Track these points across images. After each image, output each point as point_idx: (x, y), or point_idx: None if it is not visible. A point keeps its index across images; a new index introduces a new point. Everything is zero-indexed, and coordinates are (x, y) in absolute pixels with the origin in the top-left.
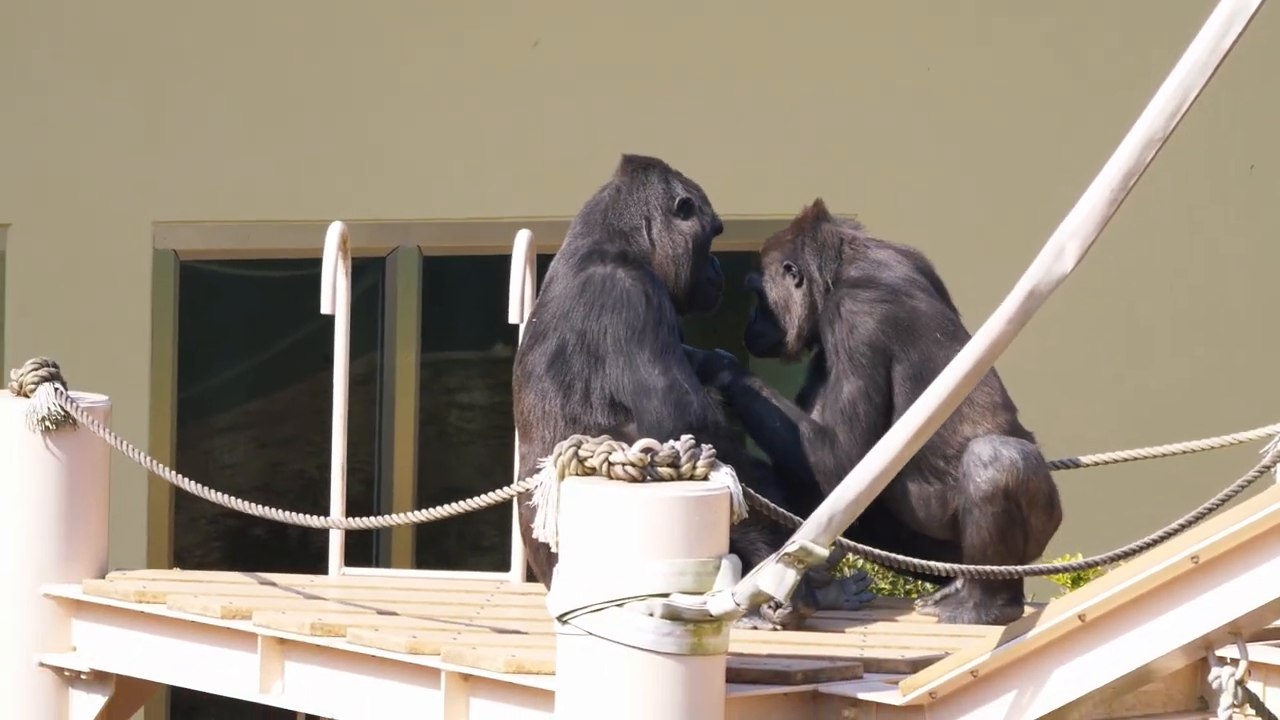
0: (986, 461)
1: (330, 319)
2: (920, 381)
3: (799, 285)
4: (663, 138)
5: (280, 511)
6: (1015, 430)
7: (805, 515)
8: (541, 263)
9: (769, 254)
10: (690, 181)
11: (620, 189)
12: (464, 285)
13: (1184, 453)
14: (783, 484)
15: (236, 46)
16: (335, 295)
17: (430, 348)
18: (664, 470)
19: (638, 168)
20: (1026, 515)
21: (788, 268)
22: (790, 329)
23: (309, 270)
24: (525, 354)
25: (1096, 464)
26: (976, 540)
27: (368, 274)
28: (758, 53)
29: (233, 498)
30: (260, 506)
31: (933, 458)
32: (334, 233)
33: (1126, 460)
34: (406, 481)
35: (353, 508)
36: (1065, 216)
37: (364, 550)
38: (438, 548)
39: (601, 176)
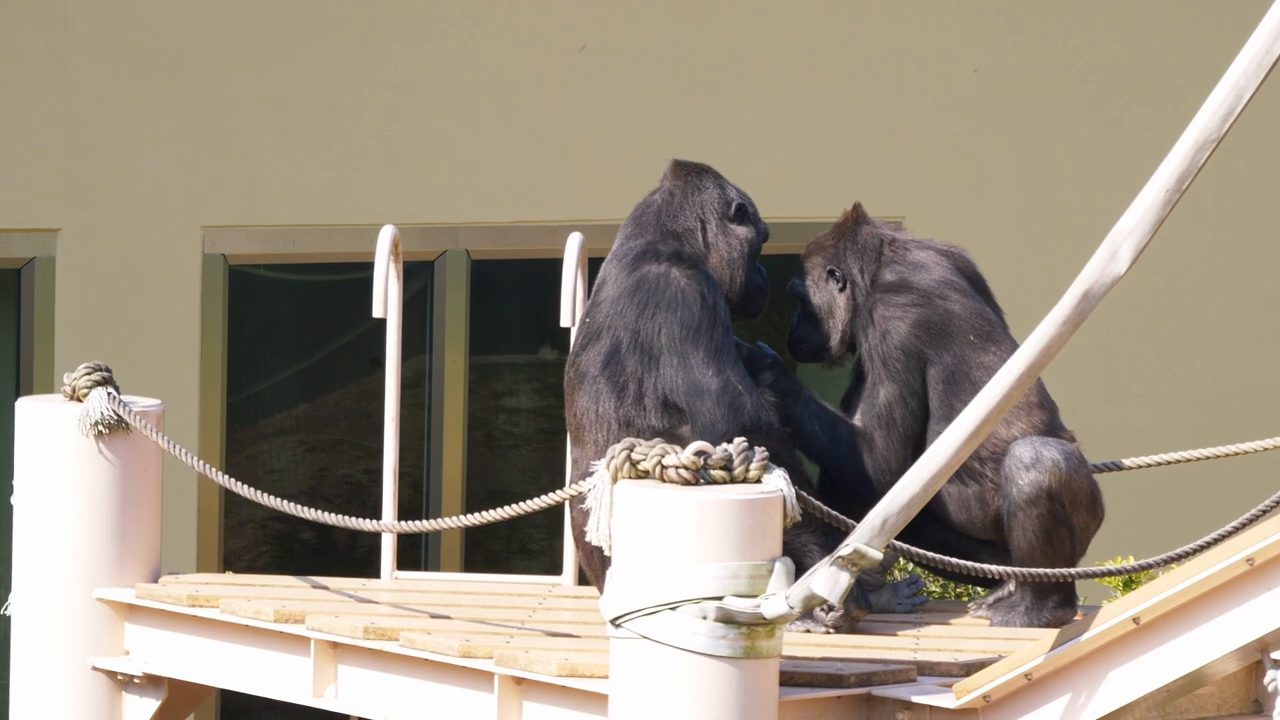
0: (1028, 464)
1: (378, 323)
2: (953, 383)
3: (843, 289)
4: (708, 140)
5: (334, 515)
6: (1053, 429)
7: (850, 516)
8: (591, 266)
9: (811, 258)
10: (739, 188)
11: (673, 192)
12: (512, 289)
13: (1229, 455)
14: (823, 486)
15: (284, 52)
16: (387, 299)
17: (478, 351)
18: (717, 473)
19: (690, 172)
20: (1070, 515)
21: (831, 272)
22: (834, 334)
23: (357, 274)
24: (578, 356)
25: (1139, 467)
26: (1023, 543)
27: (416, 278)
28: (801, 55)
29: (287, 502)
30: (314, 510)
31: (971, 460)
32: (385, 237)
33: (1171, 463)
34: (455, 485)
35: (401, 511)
36: (1113, 218)
37: (413, 553)
38: (485, 550)
39: (648, 180)
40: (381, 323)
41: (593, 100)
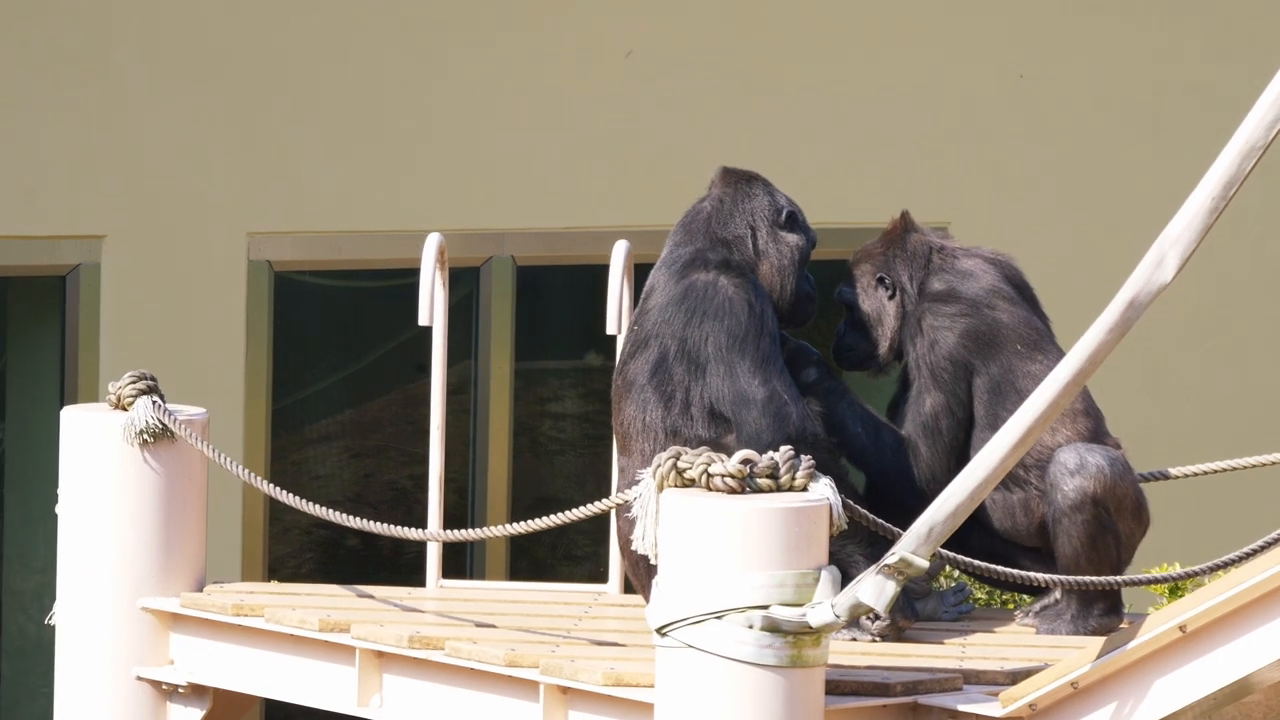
0: (1073, 470)
1: (424, 329)
2: (999, 393)
3: (892, 297)
4: (754, 145)
5: (380, 524)
6: (1098, 436)
7: (896, 524)
8: (636, 273)
9: (860, 265)
10: (788, 196)
11: (723, 199)
12: (557, 295)
13: (1276, 464)
14: (868, 494)
15: (332, 58)
16: (433, 307)
17: (523, 357)
18: (763, 481)
19: (740, 179)
20: (1116, 522)
21: (881, 280)
22: (883, 341)
23: (402, 280)
24: (626, 364)
25: (1185, 476)
26: (1068, 549)
27: (462, 284)
28: (847, 60)
29: (332, 510)
30: (359, 519)
31: (1015, 467)
32: (432, 244)
33: (1216, 472)
34: (500, 491)
35: (447, 518)
36: (1160, 225)
37: (458, 560)
38: (530, 557)
39: (695, 186)
40: (427, 329)
41: (639, 106)
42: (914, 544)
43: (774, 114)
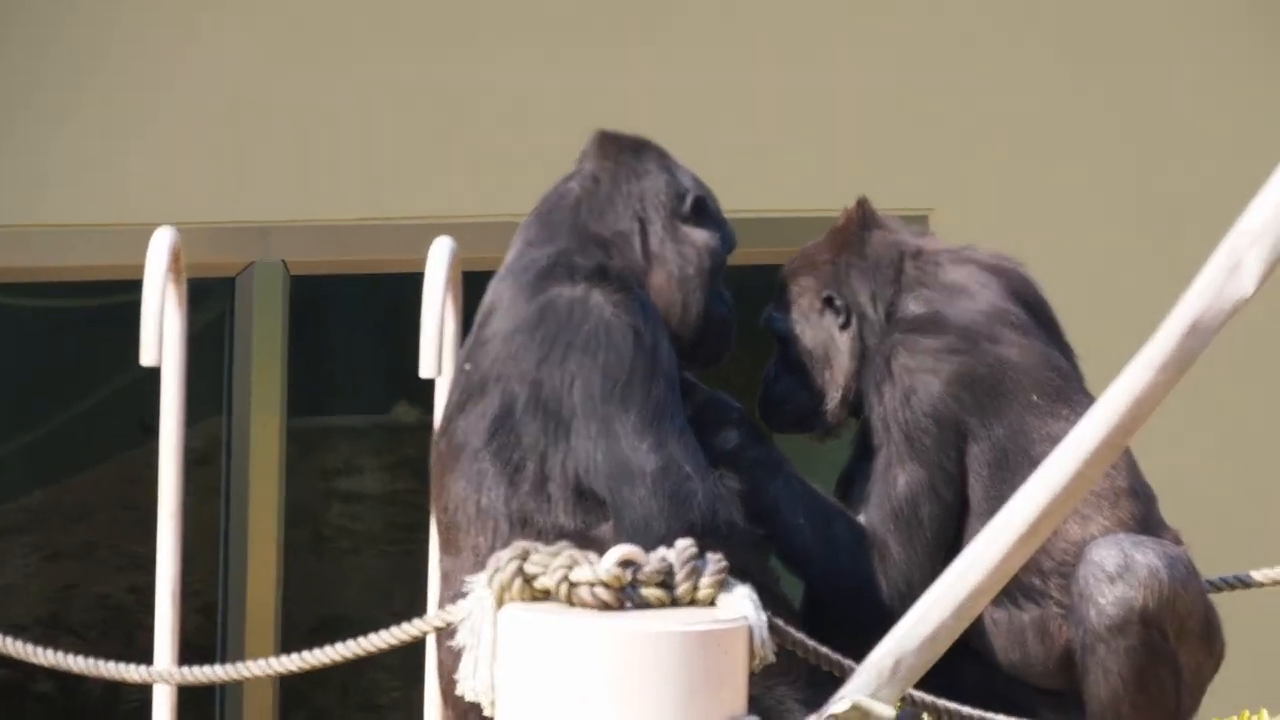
0: (1114, 573)
1: (149, 371)
2: (1006, 467)
3: (845, 326)
4: (646, 108)
5: (85, 659)
6: (1148, 526)
7: (848, 655)
8: (468, 286)
9: (797, 280)
10: (694, 174)
11: (599, 178)
12: (348, 317)
13: None
14: (807, 608)
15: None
16: (162, 338)
17: (300, 410)
18: (650, 592)
19: (624, 149)
20: (1175, 649)
21: (828, 300)
22: (832, 390)
23: (118, 297)
24: (453, 420)
25: (1275, 583)
26: (1104, 689)
27: (210, 302)
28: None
29: (13, 639)
30: (53, 652)
31: (1025, 573)
32: (161, 243)
33: None
34: (265, 609)
35: (185, 649)
36: (1230, 214)
37: (204, 708)
38: (310, 705)
39: (557, 162)
40: (155, 370)
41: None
42: (874, 683)
43: (671, 67)
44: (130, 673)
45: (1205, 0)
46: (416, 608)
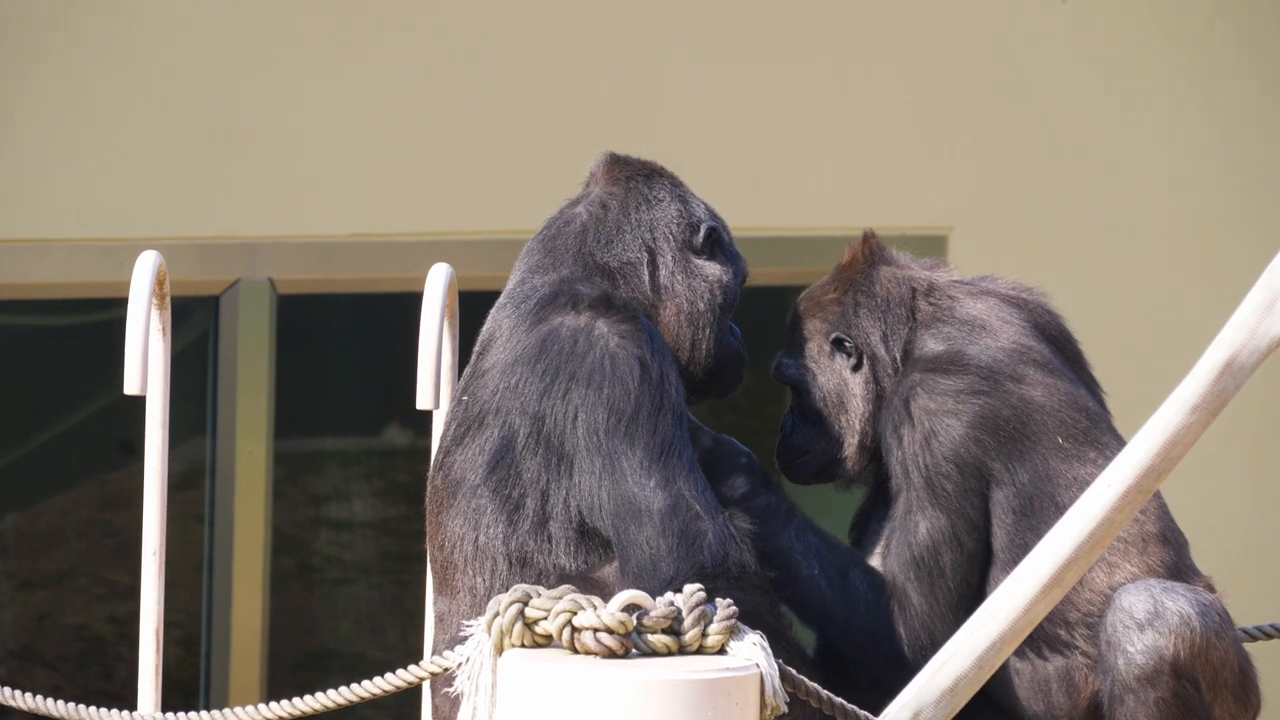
0: (1144, 621)
1: (134, 400)
2: (1030, 513)
3: (857, 368)
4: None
5: (58, 703)
6: (1179, 573)
7: (865, 706)
8: (467, 311)
9: (808, 321)
10: (707, 204)
11: (606, 205)
12: (339, 340)
13: None
14: (821, 659)
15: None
16: (146, 363)
17: (288, 433)
18: (657, 639)
19: (635, 174)
20: (1208, 702)
21: (837, 342)
22: (848, 437)
23: (98, 314)
24: (449, 454)
25: None
26: None
27: (193, 321)
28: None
29: None
30: (22, 694)
31: (1049, 623)
32: (146, 265)
33: None
34: (251, 645)
35: (168, 687)
36: (1270, 244)
37: None
38: None
39: (564, 183)
40: (136, 400)
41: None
42: None
43: (685, 87)
44: (108, 717)
45: (1236, 15)
46: (410, 642)
